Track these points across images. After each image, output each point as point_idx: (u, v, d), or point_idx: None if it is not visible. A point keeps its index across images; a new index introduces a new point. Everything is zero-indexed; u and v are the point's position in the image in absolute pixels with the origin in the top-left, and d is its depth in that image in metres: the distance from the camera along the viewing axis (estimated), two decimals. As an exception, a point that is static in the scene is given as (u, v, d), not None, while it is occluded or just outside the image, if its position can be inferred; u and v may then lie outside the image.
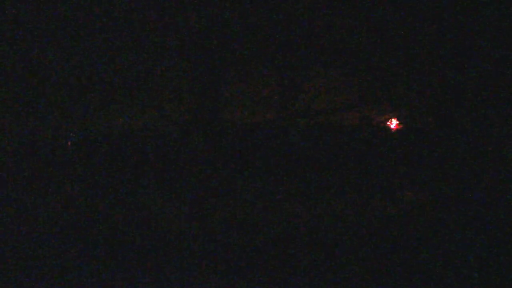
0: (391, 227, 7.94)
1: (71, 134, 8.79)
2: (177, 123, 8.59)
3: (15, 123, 8.86)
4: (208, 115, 8.55)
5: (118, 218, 8.07)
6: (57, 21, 8.70)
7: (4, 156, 8.64)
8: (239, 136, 8.46)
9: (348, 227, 7.86)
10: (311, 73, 8.67)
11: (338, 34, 8.64)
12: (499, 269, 6.95)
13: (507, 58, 8.17)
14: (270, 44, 8.77)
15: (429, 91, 8.33)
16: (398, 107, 8.40)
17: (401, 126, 8.32)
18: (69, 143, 8.69)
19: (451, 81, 8.17)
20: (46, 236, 7.82)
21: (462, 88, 8.15)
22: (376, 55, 8.52)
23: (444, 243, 7.57)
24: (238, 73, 8.74)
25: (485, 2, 8.09)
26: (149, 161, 8.50)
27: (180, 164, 8.40)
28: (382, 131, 8.37)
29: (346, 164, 8.31)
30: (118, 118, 8.91)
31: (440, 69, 8.27)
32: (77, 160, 8.64)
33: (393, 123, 8.35)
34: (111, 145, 8.62)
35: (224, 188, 8.34)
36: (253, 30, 8.74)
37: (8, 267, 7.13)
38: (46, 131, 8.95)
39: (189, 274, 6.96)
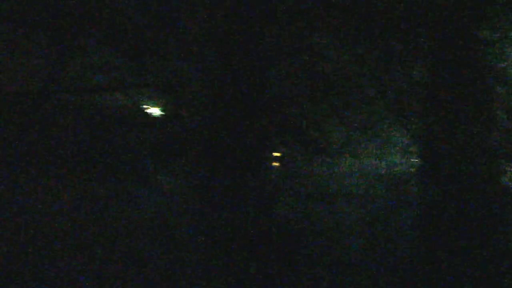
0: (151, 214, 7.87)
1: None
2: None
3: None
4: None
5: None
6: None
7: None
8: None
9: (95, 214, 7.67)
10: (83, 47, 8.27)
11: (115, 10, 8.34)
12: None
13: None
14: (38, 9, 8.25)
15: (202, 81, 8.30)
16: (166, 93, 8.28)
17: (165, 113, 8.21)
18: None
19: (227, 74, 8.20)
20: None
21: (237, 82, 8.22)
22: (152, 39, 8.33)
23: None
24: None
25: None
26: None
27: None
28: (145, 116, 8.19)
29: (104, 146, 8.04)
30: None
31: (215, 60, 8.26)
32: None
33: (157, 109, 8.21)
34: None
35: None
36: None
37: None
38: None
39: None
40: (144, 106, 8.26)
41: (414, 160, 8.29)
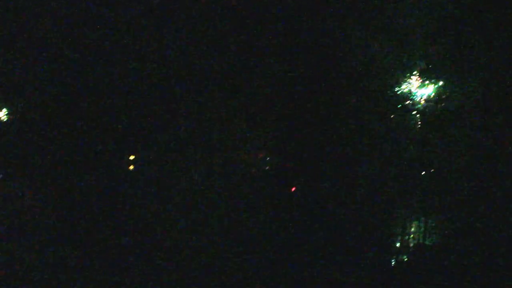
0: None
1: None
2: None
3: None
4: None
5: None
6: None
7: None
8: None
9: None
10: None
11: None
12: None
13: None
14: None
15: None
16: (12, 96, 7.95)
17: (11, 116, 7.90)
18: None
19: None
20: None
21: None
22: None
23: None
24: None
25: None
26: None
27: None
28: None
29: None
30: None
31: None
32: None
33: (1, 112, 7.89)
34: None
35: None
36: None
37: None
38: None
39: None
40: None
41: (269, 158, 8.38)
